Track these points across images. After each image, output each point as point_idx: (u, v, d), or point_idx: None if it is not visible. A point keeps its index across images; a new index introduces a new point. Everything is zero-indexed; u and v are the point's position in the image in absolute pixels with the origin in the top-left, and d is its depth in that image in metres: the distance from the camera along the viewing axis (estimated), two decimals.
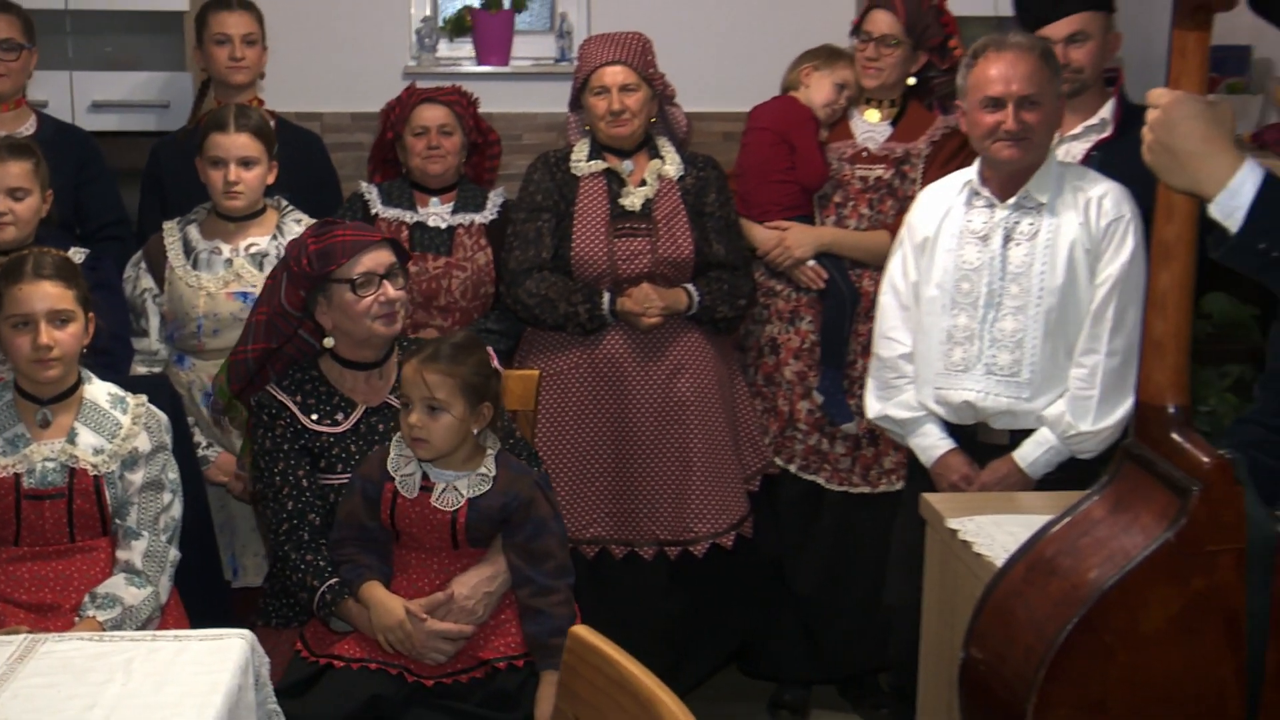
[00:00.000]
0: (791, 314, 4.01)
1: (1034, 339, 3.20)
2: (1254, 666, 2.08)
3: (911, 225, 3.38)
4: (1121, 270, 3.19)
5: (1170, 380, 2.14)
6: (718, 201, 3.86)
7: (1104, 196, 3.22)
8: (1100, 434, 3.22)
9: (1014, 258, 3.21)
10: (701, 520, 3.78)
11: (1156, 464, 2.15)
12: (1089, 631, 2.04)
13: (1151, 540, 2.07)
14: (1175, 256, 2.11)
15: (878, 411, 3.44)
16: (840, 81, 4.05)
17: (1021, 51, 3.15)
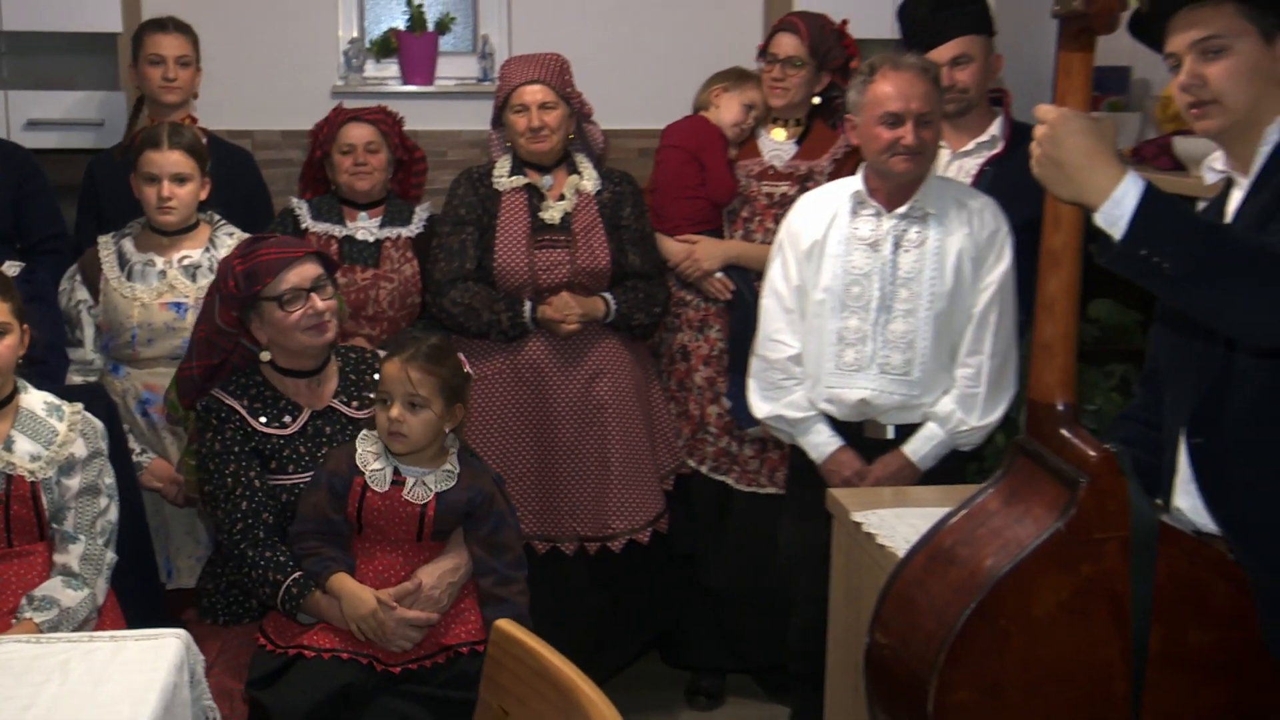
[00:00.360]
0: (701, 323, 4.04)
1: (924, 340, 3.24)
2: (1138, 647, 2.12)
3: (793, 232, 3.39)
4: (1001, 278, 3.25)
5: (1059, 380, 2.18)
6: (633, 215, 3.86)
7: (984, 209, 3.28)
8: (985, 428, 3.28)
9: (904, 264, 3.25)
10: (620, 517, 3.79)
11: (1047, 458, 2.19)
12: (986, 617, 2.07)
13: (1043, 530, 2.11)
14: (1063, 264, 2.15)
15: (767, 412, 3.44)
16: (748, 102, 4.08)
17: (918, 72, 3.18)
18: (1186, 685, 2.15)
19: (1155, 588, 2.11)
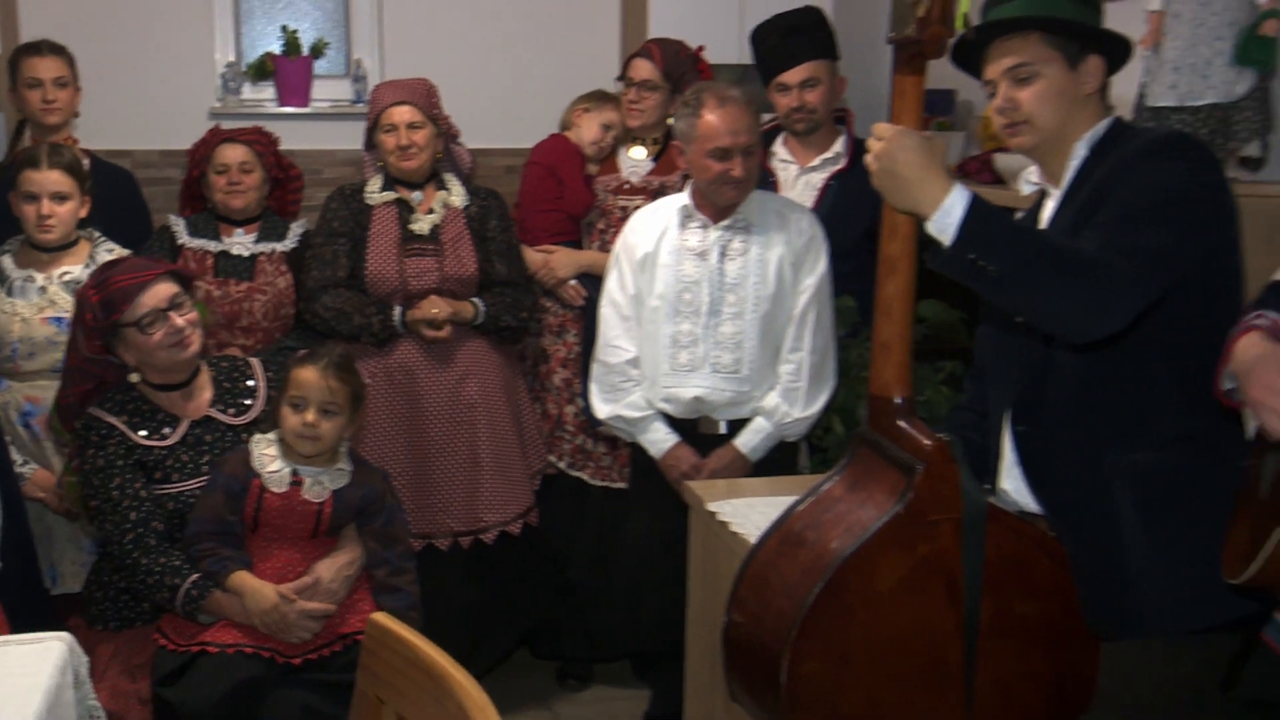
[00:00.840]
0: (560, 327, 4.07)
1: (751, 340, 3.28)
2: (970, 620, 2.16)
3: (629, 244, 3.43)
4: (818, 281, 3.31)
5: (896, 376, 2.22)
6: (499, 227, 3.85)
7: (801, 219, 3.34)
8: (808, 418, 3.33)
9: (730, 271, 3.29)
10: (491, 510, 3.77)
11: (886, 448, 2.22)
12: (833, 594, 2.10)
13: (883, 513, 2.14)
14: (899, 269, 2.19)
15: (607, 413, 3.46)
16: (606, 122, 4.11)
17: (741, 105, 3.22)
18: (1014, 652, 2.20)
19: (985, 564, 2.15)
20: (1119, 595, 2.24)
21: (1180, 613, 2.23)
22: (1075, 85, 2.30)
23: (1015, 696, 2.21)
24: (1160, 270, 2.13)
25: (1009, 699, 2.20)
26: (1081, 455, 2.29)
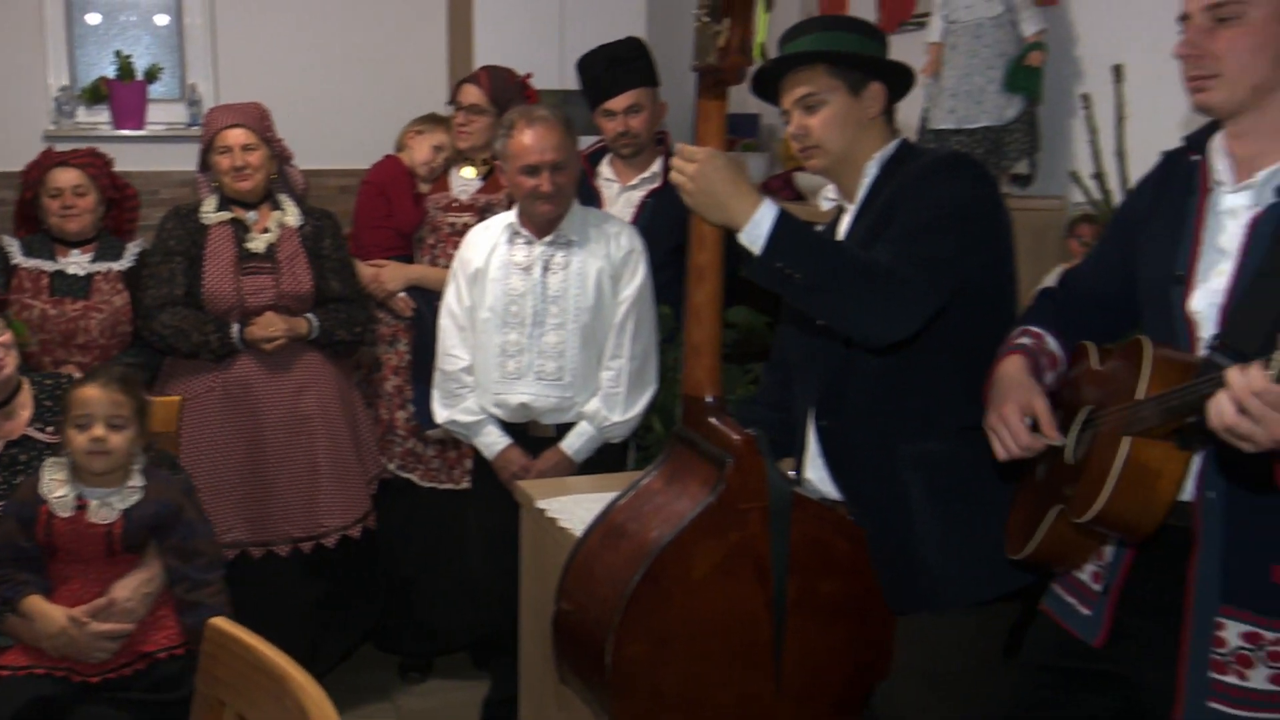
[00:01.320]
0: (391, 337, 4.03)
1: (573, 349, 3.29)
2: (778, 598, 2.20)
3: (463, 260, 3.41)
4: (636, 291, 3.33)
5: (707, 377, 2.25)
6: (333, 245, 3.79)
7: (620, 234, 3.36)
8: (628, 421, 3.34)
9: (552, 284, 3.30)
10: (331, 516, 3.70)
11: (699, 444, 2.25)
12: (652, 581, 2.11)
13: (698, 504, 2.16)
14: (707, 278, 2.22)
15: (445, 417, 3.44)
16: (437, 144, 4.10)
17: (549, 125, 3.22)
18: (818, 627, 2.25)
19: (790, 548, 2.20)
20: (912, 573, 2.30)
21: (967, 587, 2.30)
22: (859, 110, 2.37)
23: (820, 668, 2.26)
24: (946, 278, 2.20)
25: (814, 670, 2.25)
26: (877, 446, 2.34)
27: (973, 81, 3.67)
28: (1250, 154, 1.88)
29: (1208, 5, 1.82)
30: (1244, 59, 1.82)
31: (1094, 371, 2.05)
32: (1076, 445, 2.00)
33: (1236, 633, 1.83)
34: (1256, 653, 1.83)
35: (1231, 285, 1.84)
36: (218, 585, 2.87)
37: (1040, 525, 2.03)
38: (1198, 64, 1.84)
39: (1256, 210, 1.85)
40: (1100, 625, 2.00)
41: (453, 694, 4.02)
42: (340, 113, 5.02)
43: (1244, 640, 1.83)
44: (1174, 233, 1.95)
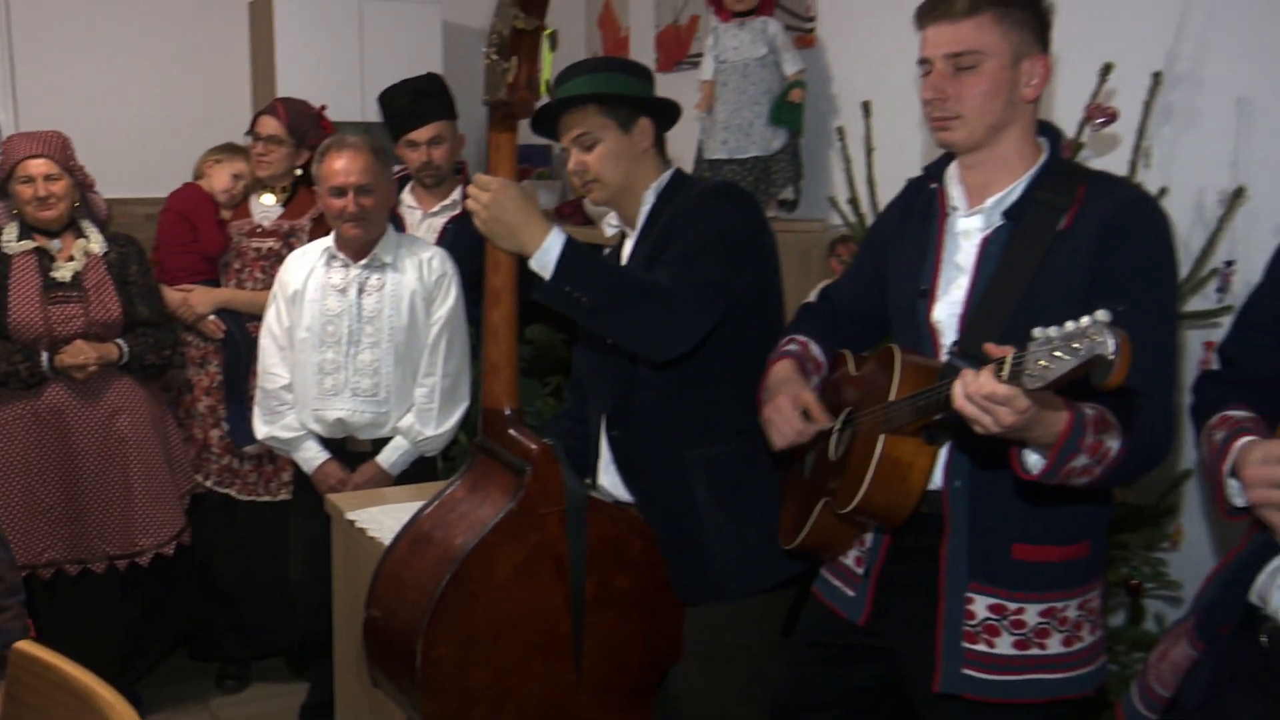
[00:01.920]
0: (202, 359, 3.89)
1: (388, 367, 3.24)
2: (577, 595, 2.20)
3: (283, 282, 3.33)
4: (449, 313, 3.30)
5: (505, 391, 2.23)
6: (139, 271, 3.62)
7: (432, 258, 3.32)
8: (442, 436, 3.31)
9: (368, 305, 3.24)
10: (145, 535, 3.53)
11: (500, 453, 2.23)
12: (458, 584, 2.09)
13: (500, 510, 2.15)
14: (502, 300, 2.20)
15: (265, 433, 3.35)
16: (236, 172, 3.97)
17: (358, 150, 3.18)
18: (615, 620, 2.26)
19: (587, 547, 2.20)
20: (700, 566, 2.33)
21: (749, 576, 2.35)
22: (631, 145, 2.39)
23: (617, 656, 2.26)
24: (719, 297, 2.24)
25: (611, 659, 2.26)
26: (664, 452, 2.37)
27: (742, 116, 3.76)
28: (981, 183, 1.98)
29: (948, 54, 1.90)
30: (981, 103, 1.90)
31: (852, 376, 2.12)
32: (838, 443, 2.06)
33: (984, 605, 1.92)
34: (1001, 622, 1.92)
35: (967, 298, 1.93)
36: (16, 611, 2.67)
37: (809, 517, 2.09)
38: (941, 106, 1.92)
39: (987, 232, 1.95)
40: (863, 605, 2.07)
41: (270, 700, 3.89)
42: (145, 142, 4.82)
43: (990, 612, 1.92)
44: (918, 252, 2.03)
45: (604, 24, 5.12)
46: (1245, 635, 1.66)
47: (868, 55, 3.78)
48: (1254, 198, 2.73)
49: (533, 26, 2.02)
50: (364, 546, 2.70)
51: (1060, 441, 1.66)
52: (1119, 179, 1.98)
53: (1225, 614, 1.69)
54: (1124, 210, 1.86)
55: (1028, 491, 1.83)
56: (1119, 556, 2.76)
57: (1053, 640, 1.92)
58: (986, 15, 1.88)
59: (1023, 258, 1.87)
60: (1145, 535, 2.80)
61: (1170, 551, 2.84)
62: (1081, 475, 1.72)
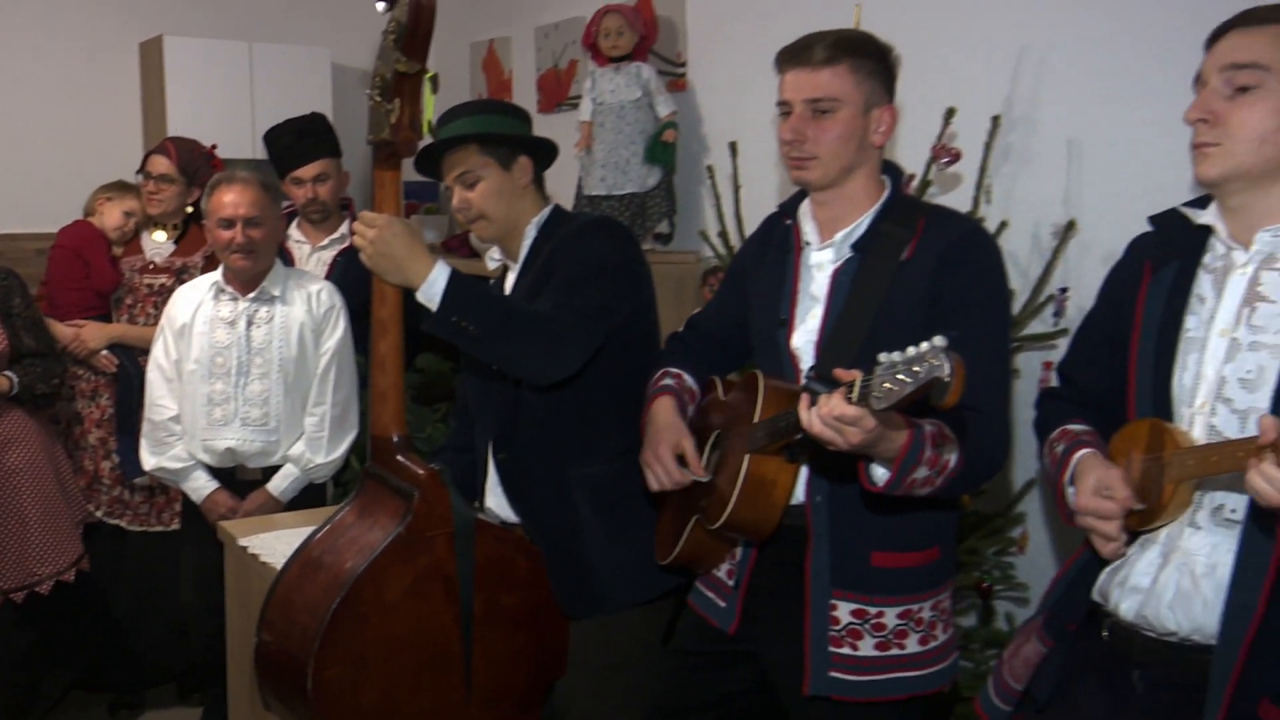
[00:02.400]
0: (93, 392, 3.77)
1: (277, 397, 3.18)
2: (466, 613, 2.18)
3: (170, 316, 3.25)
4: (338, 343, 3.24)
5: (393, 418, 2.20)
6: (22, 304, 3.46)
7: (321, 291, 3.27)
8: (332, 463, 3.25)
9: (257, 337, 3.18)
10: (44, 563, 3.39)
11: (389, 479, 2.21)
12: (349, 607, 2.05)
13: (389, 534, 2.12)
14: (389, 330, 2.18)
15: (153, 464, 3.25)
16: (128, 209, 3.86)
17: (247, 183, 3.13)
18: (503, 636, 2.24)
19: (475, 567, 2.18)
20: (583, 582, 2.33)
21: (631, 590, 2.36)
22: (512, 182, 2.40)
23: (505, 671, 2.25)
24: (600, 324, 2.25)
25: (500, 673, 2.24)
26: (548, 473, 2.37)
27: (619, 154, 3.80)
28: (831, 218, 2.03)
29: (808, 98, 1.95)
30: (836, 146, 1.96)
31: (720, 401, 2.15)
32: (708, 464, 2.09)
33: (847, 611, 1.96)
34: (863, 626, 1.96)
35: (822, 325, 1.98)
36: None
37: (682, 533, 2.11)
38: (799, 147, 1.97)
39: (838, 264, 2.01)
40: (734, 614, 2.09)
41: None
42: (36, 178, 4.68)
43: (853, 617, 1.96)
44: (776, 283, 2.08)
45: (488, 67, 5.13)
46: (1089, 631, 1.73)
47: (734, 99, 3.85)
48: (1084, 230, 2.85)
49: (414, 70, 2.01)
50: (257, 572, 2.64)
51: (901, 456, 1.71)
52: (955, 213, 2.05)
53: (1071, 612, 1.75)
54: (959, 241, 1.93)
55: (882, 503, 1.87)
56: (971, 561, 2.84)
57: (911, 640, 1.97)
58: (843, 65, 1.93)
59: (870, 287, 1.93)
60: (995, 541, 2.89)
61: (1018, 556, 2.93)
62: (923, 486, 1.77)
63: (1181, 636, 1.60)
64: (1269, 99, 1.55)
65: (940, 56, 3.13)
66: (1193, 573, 1.60)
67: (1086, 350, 1.88)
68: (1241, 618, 1.51)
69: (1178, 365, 1.64)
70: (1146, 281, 1.72)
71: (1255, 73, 1.55)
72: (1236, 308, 1.60)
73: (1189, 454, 1.54)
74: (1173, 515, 1.60)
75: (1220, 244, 1.65)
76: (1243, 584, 1.52)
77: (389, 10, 2.01)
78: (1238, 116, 1.56)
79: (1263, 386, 1.54)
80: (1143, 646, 1.64)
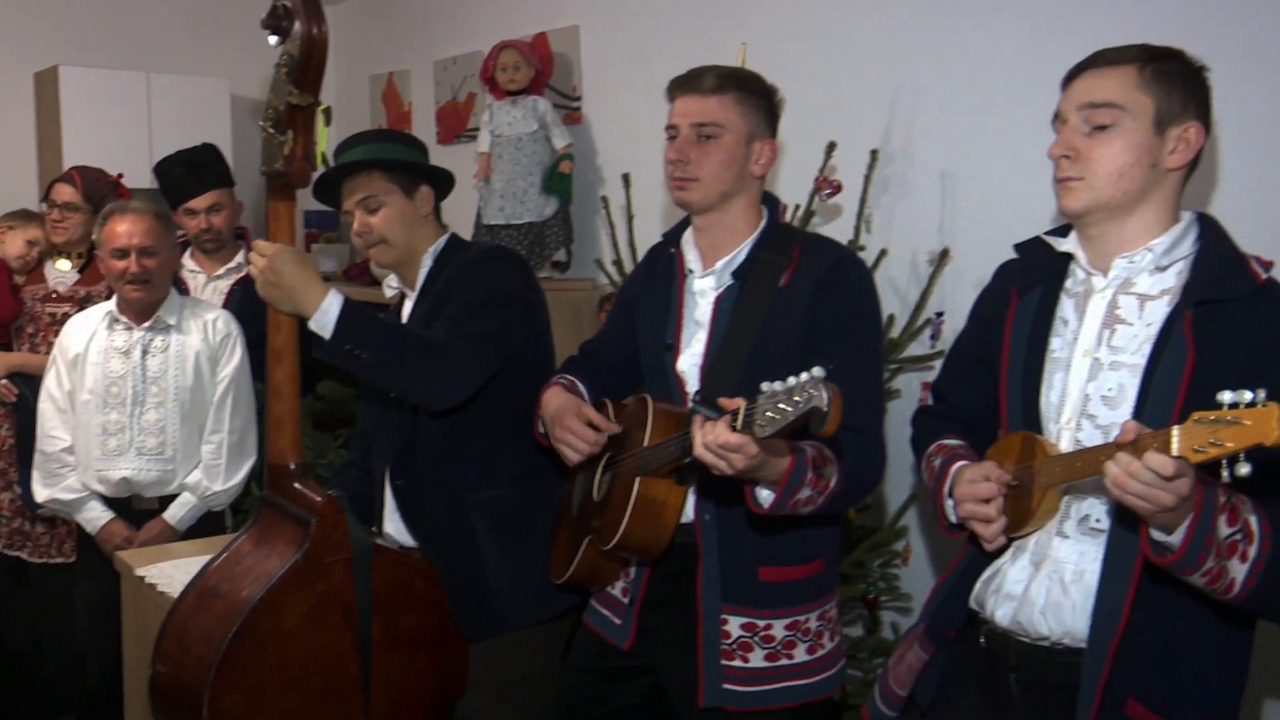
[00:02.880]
0: None
1: (173, 426, 3.08)
2: (364, 638, 2.13)
3: (63, 346, 3.14)
4: (234, 371, 3.16)
5: (290, 446, 2.15)
6: None
7: (216, 319, 3.19)
8: (230, 490, 3.15)
9: (152, 366, 3.08)
10: None
11: (286, 507, 2.15)
12: (245, 635, 1.99)
13: (286, 562, 2.07)
14: (284, 359, 2.13)
15: (46, 496, 3.12)
16: (31, 238, 3.72)
17: (140, 213, 3.04)
18: (402, 659, 2.19)
19: (373, 591, 2.13)
20: (482, 603, 2.29)
21: (529, 610, 2.32)
22: (413, 209, 2.37)
23: (405, 693, 2.20)
24: (494, 350, 2.22)
25: (400, 696, 2.19)
26: (447, 497, 2.33)
27: (517, 185, 3.78)
28: (712, 246, 2.05)
29: (694, 123, 1.98)
30: (717, 170, 1.98)
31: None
32: (600, 486, 2.07)
33: (737, 625, 1.97)
34: (753, 639, 1.96)
35: (706, 350, 2.00)
36: None
37: (576, 554, 2.09)
38: (683, 168, 1.99)
39: (719, 290, 2.03)
40: (629, 630, 2.08)
41: None
42: None
43: (743, 630, 1.97)
44: (662, 310, 2.09)
45: (388, 99, 5.07)
46: (967, 637, 1.75)
47: (626, 132, 3.87)
48: (957, 257, 2.92)
49: (307, 102, 1.97)
50: (155, 602, 2.54)
51: (785, 479, 1.73)
52: (829, 240, 2.09)
53: (950, 619, 1.78)
54: (833, 267, 1.96)
55: (768, 521, 1.88)
56: (857, 574, 2.87)
57: (799, 650, 1.98)
58: (730, 96, 1.97)
59: (750, 313, 1.95)
60: (879, 554, 2.92)
61: (901, 568, 2.97)
62: (806, 505, 1.79)
63: (1053, 641, 1.63)
64: (1125, 136, 1.60)
65: (822, 93, 3.18)
66: (1062, 580, 1.63)
67: (958, 370, 1.92)
68: (1109, 622, 1.55)
69: (1045, 384, 1.68)
70: (1014, 305, 1.76)
71: (1112, 111, 1.60)
72: (1097, 330, 1.64)
73: (1056, 461, 1.58)
74: (1042, 521, 1.64)
75: (1080, 270, 1.70)
76: (1109, 590, 1.56)
77: (281, 44, 1.96)
78: (1097, 153, 1.61)
79: (1123, 403, 1.59)
80: (1017, 651, 1.67)
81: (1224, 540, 1.41)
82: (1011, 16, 2.80)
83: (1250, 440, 1.25)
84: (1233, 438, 1.27)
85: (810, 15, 3.26)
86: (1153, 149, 1.59)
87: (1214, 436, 1.28)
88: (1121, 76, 1.60)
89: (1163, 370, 1.54)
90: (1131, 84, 1.59)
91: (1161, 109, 1.59)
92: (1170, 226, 1.63)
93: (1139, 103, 1.59)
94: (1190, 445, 1.31)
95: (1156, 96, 1.58)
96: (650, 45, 3.78)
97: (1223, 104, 1.72)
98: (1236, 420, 1.27)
